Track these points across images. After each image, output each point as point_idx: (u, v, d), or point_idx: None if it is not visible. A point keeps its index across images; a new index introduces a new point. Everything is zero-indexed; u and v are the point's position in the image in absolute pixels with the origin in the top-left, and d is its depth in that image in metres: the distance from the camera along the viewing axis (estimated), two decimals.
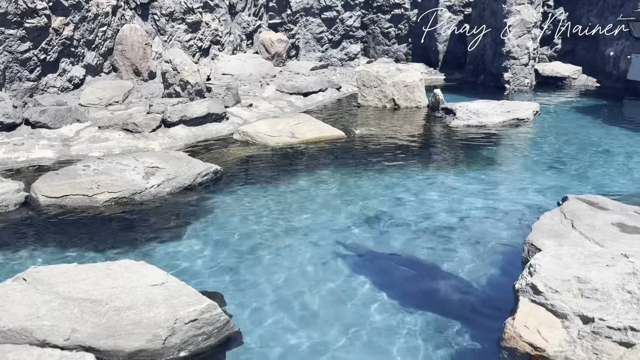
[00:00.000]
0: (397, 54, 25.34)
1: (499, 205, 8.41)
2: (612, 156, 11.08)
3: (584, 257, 5.08)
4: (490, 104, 14.71)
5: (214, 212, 8.13)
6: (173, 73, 13.74)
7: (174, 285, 5.13)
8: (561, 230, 6.31)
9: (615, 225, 6.33)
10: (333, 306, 5.71)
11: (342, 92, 18.60)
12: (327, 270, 6.45)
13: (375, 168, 10.32)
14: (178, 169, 9.12)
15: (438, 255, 6.80)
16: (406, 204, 8.46)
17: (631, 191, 8.97)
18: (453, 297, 5.88)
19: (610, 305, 4.43)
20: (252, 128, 12.31)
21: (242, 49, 20.62)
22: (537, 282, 4.80)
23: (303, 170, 10.13)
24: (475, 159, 11.01)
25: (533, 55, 20.15)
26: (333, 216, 7.98)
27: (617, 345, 4.20)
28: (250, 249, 6.94)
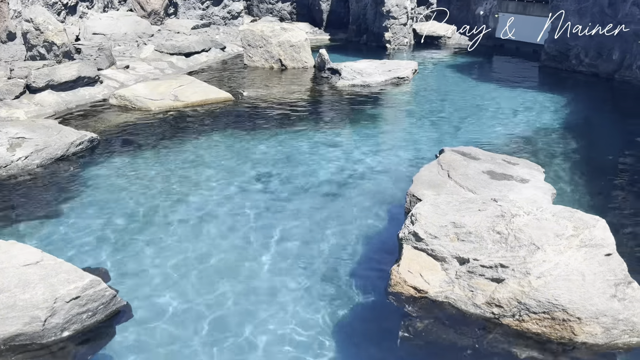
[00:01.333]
0: (282, 12, 24.99)
1: (383, 161, 8.76)
2: (483, 110, 11.95)
3: (459, 203, 5.47)
4: (373, 63, 15.09)
5: (90, 183, 7.61)
6: (36, 33, 12.41)
7: (50, 264, 4.77)
8: (439, 180, 6.73)
9: (485, 173, 6.87)
10: (223, 270, 5.67)
11: (227, 53, 18.03)
12: (214, 236, 6.36)
13: (264, 130, 10.23)
14: (48, 138, 8.37)
15: (327, 212, 6.97)
16: (295, 165, 8.51)
17: (500, 141, 9.77)
18: (342, 251, 6.09)
19: (483, 246, 4.84)
20: (131, 92, 11.57)
21: (114, 7, 19.12)
22: (418, 229, 5.10)
23: (188, 135, 9.77)
24: (360, 117, 11.32)
25: (411, 15, 20.87)
26: (220, 182, 7.83)
27: (490, 282, 4.62)
28: (133, 220, 6.61)
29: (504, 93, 13.54)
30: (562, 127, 10.77)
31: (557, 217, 4.96)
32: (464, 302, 4.64)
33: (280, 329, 4.82)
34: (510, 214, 5.04)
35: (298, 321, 4.92)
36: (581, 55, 15.90)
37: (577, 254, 4.56)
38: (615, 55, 15.00)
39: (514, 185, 6.55)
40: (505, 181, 6.66)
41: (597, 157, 9.13)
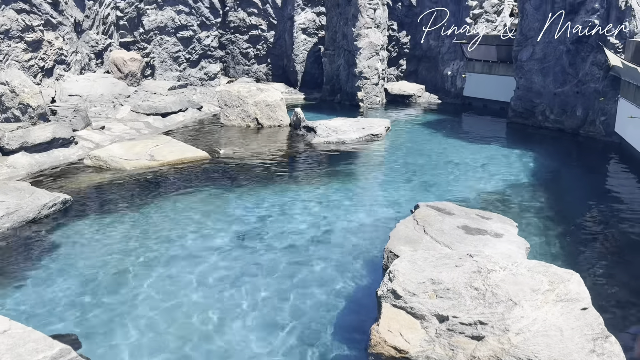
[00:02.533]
0: (258, 73, 25.60)
1: (359, 217, 8.81)
2: (455, 165, 12.23)
3: (436, 259, 5.50)
4: (347, 121, 15.46)
5: (62, 246, 7.44)
6: (11, 96, 12.43)
7: (18, 332, 4.58)
8: (415, 236, 6.79)
9: (460, 228, 6.96)
10: (196, 333, 5.52)
11: (204, 112, 18.27)
12: (187, 298, 6.21)
13: (240, 187, 10.25)
14: (19, 201, 8.22)
15: (305, 270, 6.91)
16: (272, 222, 8.50)
17: (472, 196, 9.96)
18: (321, 310, 6.00)
19: (461, 303, 4.84)
20: (106, 152, 11.55)
21: (92, 69, 19.35)
22: (397, 286, 5.09)
23: (164, 195, 9.71)
24: (336, 174, 11.46)
25: (382, 75, 21.61)
26: (194, 242, 7.74)
27: (470, 340, 4.59)
28: (103, 285, 6.44)
29: (475, 148, 13.94)
30: (532, 181, 11.07)
31: (532, 272, 5.02)
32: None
33: None
34: (487, 269, 5.08)
35: None
36: (546, 112, 16.57)
37: (554, 309, 4.59)
38: (578, 112, 15.67)
39: (489, 240, 6.64)
40: (480, 236, 6.75)
41: (566, 210, 9.36)
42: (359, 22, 20.48)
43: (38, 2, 16.79)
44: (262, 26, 25.02)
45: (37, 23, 16.75)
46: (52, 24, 17.37)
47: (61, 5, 17.60)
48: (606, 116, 14.71)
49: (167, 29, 21.98)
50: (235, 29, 25.06)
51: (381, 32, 21.03)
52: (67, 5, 17.93)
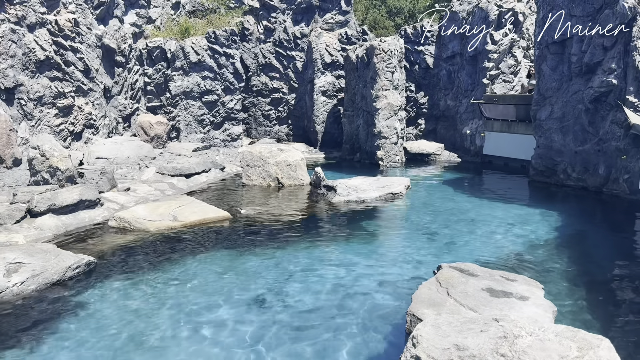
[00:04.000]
0: (279, 134, 26.17)
1: (381, 278, 8.71)
2: (477, 224, 12.13)
3: (460, 324, 5.38)
4: (367, 180, 15.58)
5: (85, 309, 7.48)
6: (41, 159, 12.90)
7: None
8: (438, 298, 6.68)
9: (485, 290, 6.84)
10: None
11: (226, 172, 18.62)
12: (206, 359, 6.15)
13: (261, 247, 10.28)
14: (45, 263, 8.37)
15: (326, 334, 6.80)
16: (292, 282, 8.45)
17: (496, 256, 9.81)
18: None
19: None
20: (130, 213, 11.77)
21: (119, 132, 20.04)
22: (421, 353, 4.97)
23: (186, 256, 9.78)
24: (357, 233, 11.44)
25: (401, 135, 21.91)
26: (216, 303, 7.72)
27: None
28: (128, 346, 6.42)
29: (496, 207, 13.83)
30: (556, 241, 10.87)
31: (560, 337, 4.87)
32: None
33: None
34: (513, 334, 4.95)
35: None
36: (568, 170, 16.48)
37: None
38: (601, 170, 15.55)
39: (515, 303, 6.50)
40: (505, 299, 6.61)
41: (593, 271, 9.13)
42: (377, 84, 21.02)
43: (71, 70, 17.69)
44: (284, 89, 25.82)
45: (69, 90, 17.58)
46: (83, 90, 18.20)
47: (92, 72, 18.49)
48: (630, 174, 14.56)
49: (192, 93, 22.82)
50: (257, 92, 25.89)
51: (399, 93, 21.50)
52: (97, 73, 18.82)
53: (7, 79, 15.50)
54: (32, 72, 16.42)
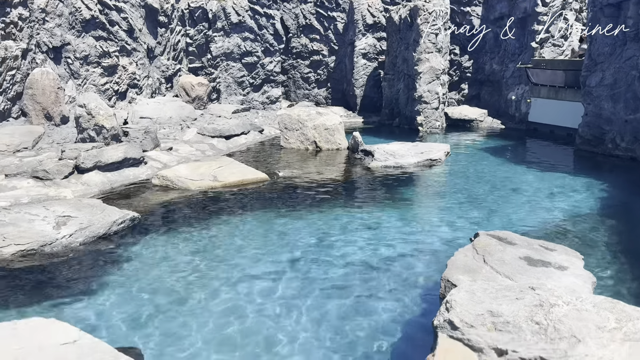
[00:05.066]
0: (317, 97, 26.04)
1: (417, 243, 8.72)
2: (518, 193, 11.89)
3: (496, 291, 5.36)
4: (405, 145, 15.40)
5: (130, 262, 7.81)
6: (87, 117, 13.28)
7: (87, 343, 4.84)
8: (474, 265, 6.64)
9: (522, 259, 6.76)
10: (254, 352, 5.61)
11: (264, 135, 18.75)
12: (248, 317, 6.35)
13: (298, 210, 10.41)
14: (92, 217, 8.73)
15: (359, 295, 6.90)
16: (327, 245, 8.56)
17: (536, 226, 9.64)
18: (375, 337, 5.96)
19: (521, 337, 4.69)
20: (172, 172, 12.07)
21: (162, 92, 20.36)
22: (454, 317, 5.00)
23: (226, 215, 10.01)
24: (394, 198, 11.41)
25: (443, 100, 21.44)
26: (255, 261, 7.92)
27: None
28: (168, 301, 6.70)
29: (539, 176, 13.50)
30: (600, 212, 10.58)
31: (598, 308, 4.80)
32: None
33: None
34: (549, 303, 4.91)
35: None
36: (617, 140, 15.84)
37: (621, 349, 4.36)
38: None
39: (552, 272, 6.40)
40: (543, 268, 6.52)
41: (636, 244, 8.87)
42: (420, 47, 20.50)
43: (115, 29, 17.94)
44: (324, 51, 25.51)
45: (113, 49, 17.88)
46: (127, 50, 18.48)
47: (136, 32, 18.71)
48: None
49: (233, 55, 22.84)
50: (297, 55, 25.69)
51: (442, 56, 20.93)
52: (141, 33, 19.03)
53: (54, 37, 15.88)
54: (78, 31, 16.75)
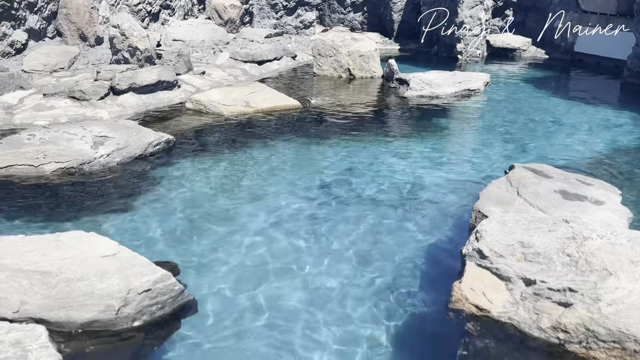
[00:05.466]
0: (353, 22, 25.17)
1: (449, 174, 8.64)
2: (558, 126, 11.52)
3: (528, 222, 5.32)
4: (443, 74, 14.90)
5: (165, 182, 8.01)
6: (121, 38, 13.21)
7: (126, 256, 5.07)
8: (507, 197, 6.57)
9: (558, 192, 6.64)
10: (285, 274, 5.80)
11: (297, 61, 18.40)
12: (279, 240, 6.51)
13: (330, 138, 10.36)
14: (128, 138, 8.88)
15: (389, 223, 6.97)
16: (359, 174, 8.56)
17: (574, 160, 9.39)
18: (403, 263, 6.06)
19: (551, 268, 4.69)
20: (206, 96, 12.06)
21: (194, 14, 20.00)
22: (483, 247, 5.01)
23: (258, 141, 10.06)
24: (428, 129, 11.21)
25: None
26: (287, 186, 8.01)
27: (557, 306, 4.46)
28: (203, 220, 6.90)
29: (581, 109, 12.99)
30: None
31: (632, 243, 4.73)
32: (528, 324, 4.50)
33: (335, 334, 4.87)
34: (582, 236, 4.85)
35: (351, 330, 4.96)
36: None
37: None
38: None
39: (588, 206, 6.29)
40: (578, 202, 6.41)
41: None
42: None
43: None
44: None
45: None
46: None
47: None
48: None
49: None
50: None
51: None
52: None
53: None
54: None
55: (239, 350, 4.68)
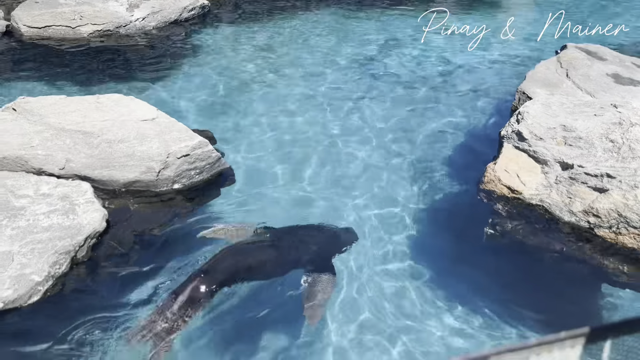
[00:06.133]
0: None
1: (496, 53, 8.22)
2: (619, 4, 10.58)
3: (573, 106, 5.10)
4: None
5: (201, 49, 7.88)
6: None
7: (164, 121, 5.16)
8: (555, 79, 6.25)
9: (610, 76, 6.26)
10: (319, 147, 5.84)
11: None
12: (315, 112, 6.47)
13: (374, 10, 9.82)
14: (163, 1, 8.62)
15: (428, 101, 6.80)
16: (399, 48, 8.22)
17: (633, 42, 8.73)
18: (440, 142, 6.00)
19: (591, 153, 4.57)
20: None
21: None
22: (523, 129, 4.88)
23: (296, 8, 9.63)
24: (479, 5, 10.46)
25: None
26: (325, 58, 7.80)
27: (592, 191, 4.41)
28: (239, 89, 6.87)
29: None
30: None
31: None
32: (560, 207, 4.50)
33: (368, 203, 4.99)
34: (630, 122, 4.64)
35: (386, 199, 5.07)
36: None
37: None
38: None
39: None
40: (630, 87, 6.05)
41: None
42: None
43: None
44: None
45: None
46: None
47: None
48: None
49: None
50: None
51: None
52: None
53: None
54: None
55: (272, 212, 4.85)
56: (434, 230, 4.88)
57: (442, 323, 3.82)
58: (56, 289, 3.64)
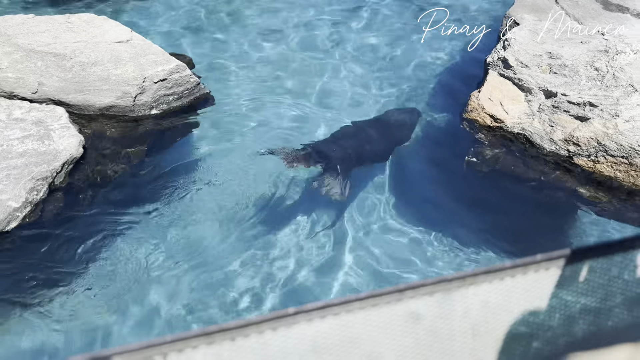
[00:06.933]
0: None
1: None
2: None
3: (561, 32, 5.01)
4: None
5: None
6: None
7: (139, 44, 4.95)
8: (543, 4, 6.08)
9: (599, 2, 6.11)
10: (303, 74, 5.70)
11: None
12: (295, 41, 6.26)
13: None
14: None
15: (414, 29, 6.61)
16: None
17: None
18: (424, 70, 5.91)
19: (576, 82, 4.54)
20: None
21: None
22: (509, 56, 4.80)
23: None
24: None
25: None
26: None
27: (573, 119, 4.43)
28: (218, 15, 6.57)
29: None
30: None
31: None
32: (541, 136, 4.52)
33: None
34: (616, 50, 4.59)
35: None
36: None
37: None
38: None
39: (628, 19, 5.82)
40: (619, 13, 5.93)
41: None
42: None
43: None
44: None
45: None
46: None
47: None
48: None
49: None
50: None
51: None
52: None
53: None
54: None
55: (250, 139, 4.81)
56: (415, 158, 4.89)
57: (421, 248, 3.92)
58: (35, 215, 3.61)
